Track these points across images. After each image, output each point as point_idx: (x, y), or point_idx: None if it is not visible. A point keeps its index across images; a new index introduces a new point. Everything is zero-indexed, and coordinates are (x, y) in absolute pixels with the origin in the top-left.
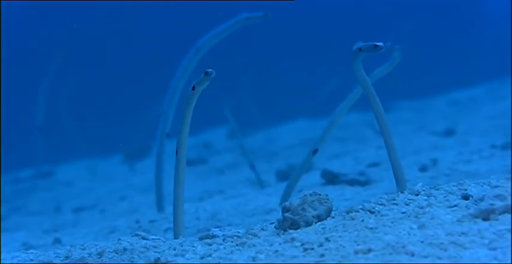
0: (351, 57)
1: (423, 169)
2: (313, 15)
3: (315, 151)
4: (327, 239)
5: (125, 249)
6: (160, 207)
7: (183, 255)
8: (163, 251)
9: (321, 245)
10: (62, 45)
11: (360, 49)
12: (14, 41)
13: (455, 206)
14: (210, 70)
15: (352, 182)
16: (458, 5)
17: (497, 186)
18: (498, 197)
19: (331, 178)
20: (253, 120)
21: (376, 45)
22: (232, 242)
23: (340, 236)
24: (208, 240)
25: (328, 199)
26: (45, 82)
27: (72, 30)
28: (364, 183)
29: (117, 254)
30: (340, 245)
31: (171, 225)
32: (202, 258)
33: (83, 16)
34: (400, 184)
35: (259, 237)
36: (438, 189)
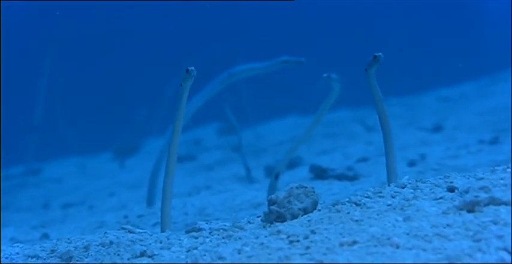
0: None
1: (411, 164)
2: (309, 15)
3: (277, 175)
4: (313, 232)
5: (111, 242)
6: (150, 202)
7: (169, 248)
8: (150, 244)
9: (306, 238)
10: (51, 45)
11: (365, 70)
12: (14, 41)
13: (440, 198)
14: (191, 68)
15: (340, 177)
16: (458, 5)
17: (482, 179)
18: (483, 189)
19: (319, 173)
20: (245, 116)
21: (375, 56)
22: (218, 235)
23: (325, 229)
24: (194, 234)
25: (314, 192)
26: (42, 83)
27: (65, 29)
28: (352, 178)
29: (104, 247)
30: (326, 237)
31: (159, 220)
32: (188, 251)
33: (81, 16)
34: (391, 178)
35: (245, 230)
36: (424, 182)
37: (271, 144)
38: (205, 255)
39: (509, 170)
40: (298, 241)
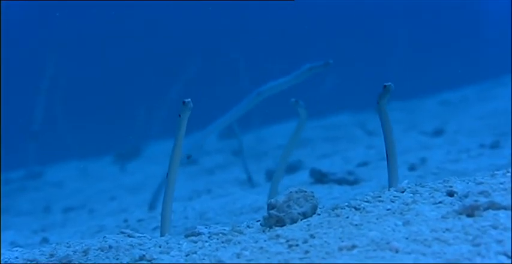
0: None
1: (412, 168)
2: (310, 16)
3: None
4: (312, 236)
5: (110, 246)
6: (152, 206)
7: (168, 253)
8: (149, 248)
9: (305, 242)
10: (53, 48)
11: (377, 102)
12: (14, 41)
13: (440, 202)
14: (187, 100)
15: (340, 181)
16: (458, 5)
17: (481, 183)
18: (482, 193)
19: (319, 177)
20: (248, 120)
21: (385, 86)
22: (217, 239)
23: (325, 233)
24: (193, 238)
25: (313, 196)
26: (43, 85)
27: (66, 30)
28: (352, 183)
29: (103, 251)
30: (325, 241)
31: (159, 224)
32: (187, 255)
33: (81, 17)
34: (392, 183)
35: (244, 234)
36: (424, 187)
37: (272, 148)
38: (204, 259)
39: (509, 174)
40: (297, 245)
